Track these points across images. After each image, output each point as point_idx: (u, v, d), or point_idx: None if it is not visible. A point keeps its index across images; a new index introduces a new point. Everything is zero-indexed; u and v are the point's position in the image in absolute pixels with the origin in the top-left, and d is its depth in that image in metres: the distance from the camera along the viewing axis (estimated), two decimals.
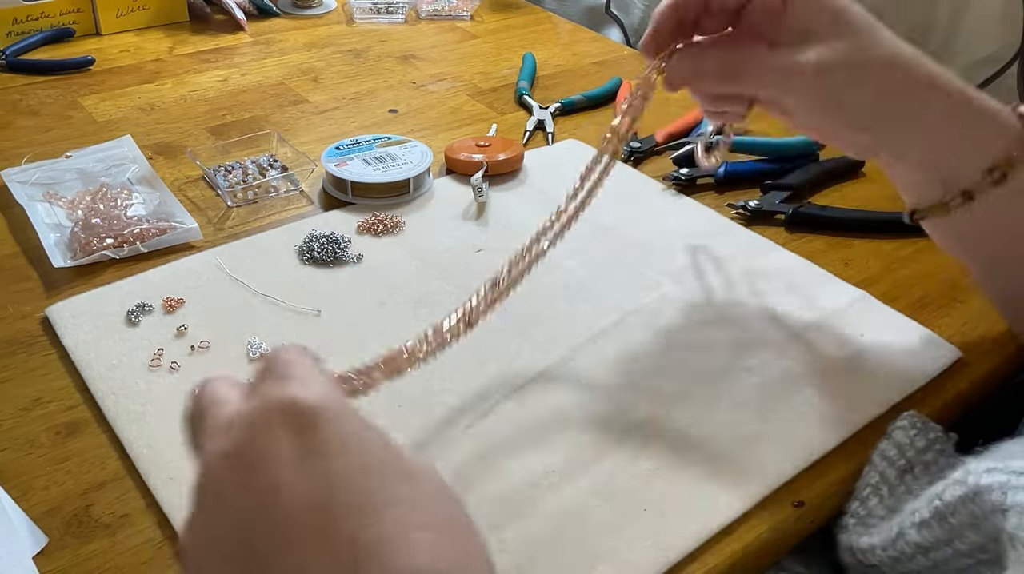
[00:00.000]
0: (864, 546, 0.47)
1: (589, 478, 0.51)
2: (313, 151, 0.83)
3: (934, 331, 0.63)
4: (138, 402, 0.54)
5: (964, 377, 0.60)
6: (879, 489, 0.49)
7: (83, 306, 0.62)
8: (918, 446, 0.50)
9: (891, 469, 0.50)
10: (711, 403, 0.56)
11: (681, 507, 0.49)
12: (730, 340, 0.62)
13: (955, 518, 0.41)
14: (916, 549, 0.43)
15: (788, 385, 0.58)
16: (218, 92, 0.96)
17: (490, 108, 0.95)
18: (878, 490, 0.49)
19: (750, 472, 0.51)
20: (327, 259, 0.68)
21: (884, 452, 0.51)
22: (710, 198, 0.79)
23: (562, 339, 0.61)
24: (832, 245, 0.74)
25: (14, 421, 0.53)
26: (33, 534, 0.46)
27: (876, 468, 0.50)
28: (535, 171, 0.82)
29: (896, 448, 0.51)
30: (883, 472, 0.50)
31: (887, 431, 0.52)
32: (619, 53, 1.12)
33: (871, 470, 0.51)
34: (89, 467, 0.51)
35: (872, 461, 0.51)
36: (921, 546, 0.43)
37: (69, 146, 0.81)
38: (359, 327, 0.61)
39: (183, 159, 0.82)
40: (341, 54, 1.07)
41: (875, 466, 0.51)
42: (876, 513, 0.49)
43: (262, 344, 0.59)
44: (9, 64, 0.99)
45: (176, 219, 0.70)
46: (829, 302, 0.66)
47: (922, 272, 0.70)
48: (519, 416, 0.55)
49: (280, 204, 0.76)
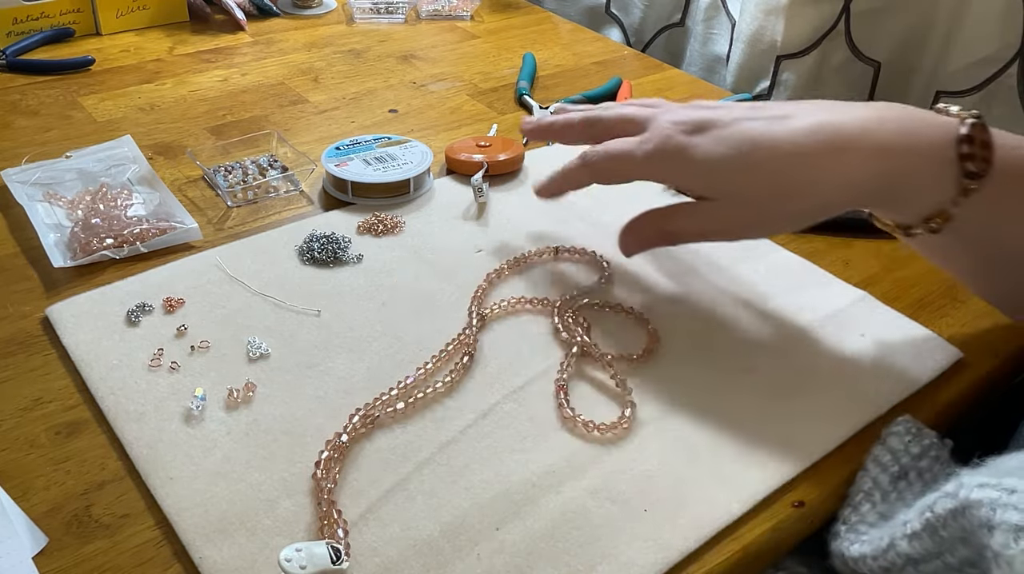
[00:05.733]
0: (855, 555, 0.46)
1: (589, 478, 0.51)
2: (313, 151, 0.83)
3: (934, 331, 0.63)
4: (138, 402, 0.54)
5: (964, 377, 0.60)
6: (871, 495, 0.49)
7: (83, 306, 0.62)
8: (912, 452, 0.50)
9: (884, 474, 0.50)
10: (711, 403, 0.56)
11: (681, 507, 0.49)
12: (730, 340, 0.62)
13: (946, 531, 0.41)
14: (907, 561, 0.43)
15: (788, 385, 0.58)
16: (218, 92, 0.96)
17: (490, 108, 0.95)
18: (870, 496, 0.49)
19: (750, 472, 0.51)
20: (327, 259, 0.68)
21: (878, 457, 0.51)
22: None
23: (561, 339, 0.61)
24: (832, 245, 0.74)
25: (14, 421, 0.53)
26: (33, 534, 0.46)
27: (869, 474, 0.50)
28: (535, 171, 0.82)
29: (890, 453, 0.51)
30: (876, 478, 0.50)
31: (881, 436, 0.52)
32: (619, 53, 1.12)
33: (864, 475, 0.50)
34: (89, 467, 0.51)
35: (866, 466, 0.51)
36: (912, 558, 0.43)
37: (69, 146, 0.81)
38: (359, 327, 0.61)
39: (183, 159, 0.82)
40: (341, 54, 1.07)
41: (868, 472, 0.50)
42: (868, 519, 0.48)
43: (262, 344, 0.59)
44: (9, 64, 0.99)
45: (176, 219, 0.70)
46: (829, 302, 0.66)
47: (922, 272, 0.70)
48: (519, 416, 0.55)
49: (280, 204, 0.76)
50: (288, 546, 0.44)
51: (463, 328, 0.61)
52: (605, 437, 0.53)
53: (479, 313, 0.62)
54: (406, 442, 0.53)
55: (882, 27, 0.95)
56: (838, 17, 0.96)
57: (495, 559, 0.46)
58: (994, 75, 0.87)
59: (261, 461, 0.51)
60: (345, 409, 0.54)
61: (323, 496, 0.48)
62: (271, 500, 0.49)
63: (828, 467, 0.53)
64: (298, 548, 0.43)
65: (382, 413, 0.54)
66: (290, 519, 0.48)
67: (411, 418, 0.54)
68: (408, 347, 0.60)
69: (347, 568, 0.45)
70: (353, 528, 0.47)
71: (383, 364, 0.58)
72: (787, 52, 1.00)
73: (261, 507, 0.48)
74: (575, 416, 0.54)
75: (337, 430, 0.52)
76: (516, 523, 0.48)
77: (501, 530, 0.47)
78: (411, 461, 0.51)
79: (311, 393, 0.56)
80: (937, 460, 0.50)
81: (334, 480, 0.49)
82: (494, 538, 0.47)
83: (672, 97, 0.99)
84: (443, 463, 0.51)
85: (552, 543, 0.47)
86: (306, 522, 0.47)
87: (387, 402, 0.55)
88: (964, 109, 0.52)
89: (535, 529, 0.48)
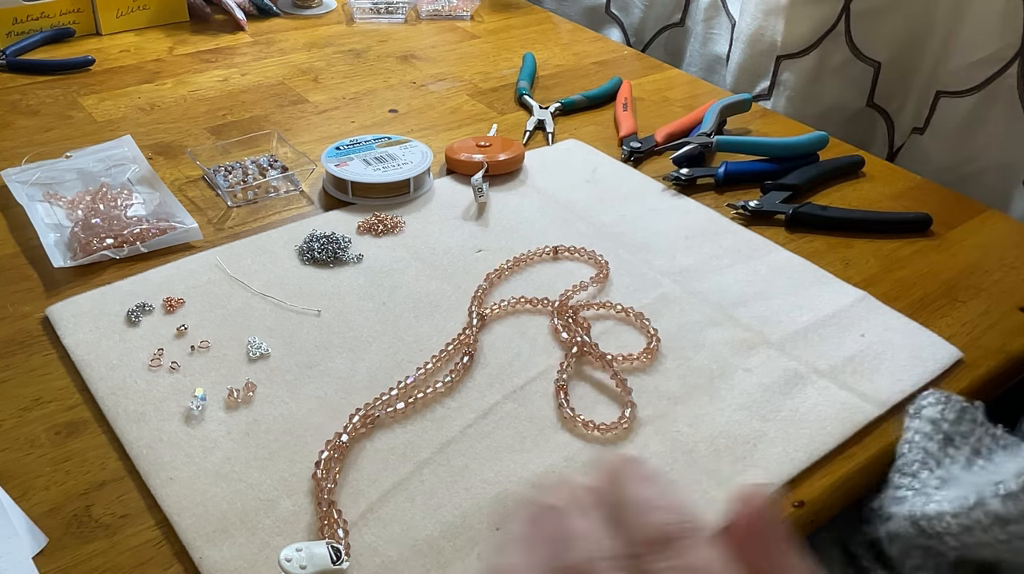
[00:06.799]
0: (931, 513, 0.47)
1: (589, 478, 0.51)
2: (313, 151, 0.83)
3: (934, 331, 0.63)
4: (138, 402, 0.54)
5: (964, 377, 0.60)
6: (927, 463, 0.50)
7: (83, 306, 0.62)
8: (949, 418, 0.51)
9: (932, 443, 0.51)
10: (711, 403, 0.56)
11: None
12: (730, 340, 0.62)
13: None
14: (995, 519, 0.44)
15: (788, 385, 0.58)
16: (218, 92, 0.96)
17: (490, 108, 0.95)
18: (926, 464, 0.50)
19: (750, 472, 0.51)
20: (327, 259, 0.68)
21: (920, 430, 0.52)
22: (710, 198, 0.79)
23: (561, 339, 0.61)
24: (832, 245, 0.74)
25: (14, 421, 0.53)
26: (33, 534, 0.46)
27: (917, 445, 0.51)
28: (535, 171, 0.82)
29: (931, 423, 0.51)
30: (926, 447, 0.51)
31: (911, 411, 0.53)
32: (619, 53, 1.12)
33: (912, 447, 0.51)
34: (89, 467, 0.51)
35: (911, 440, 0.52)
36: (1001, 517, 0.43)
37: (69, 146, 0.81)
38: (359, 327, 0.61)
39: (183, 159, 0.82)
40: (341, 54, 1.07)
41: (916, 443, 0.51)
42: (930, 484, 0.49)
43: (262, 344, 0.59)
44: (9, 64, 0.98)
45: (176, 219, 0.70)
46: (829, 302, 0.66)
47: (922, 272, 0.70)
48: (519, 416, 0.55)
49: (280, 204, 0.76)
50: (288, 546, 0.44)
51: (463, 328, 0.61)
52: (605, 437, 0.53)
53: (479, 313, 0.62)
54: (406, 442, 0.53)
55: (882, 27, 0.95)
56: (838, 17, 0.96)
57: (495, 559, 0.46)
58: (994, 75, 0.87)
59: (261, 461, 0.51)
60: (345, 409, 0.54)
61: (323, 496, 0.48)
62: (271, 500, 0.49)
63: (828, 467, 0.53)
64: (298, 548, 0.43)
65: (382, 413, 0.54)
66: (290, 519, 0.48)
67: (411, 418, 0.54)
68: (408, 347, 0.60)
69: (347, 568, 0.45)
70: (353, 528, 0.47)
71: (383, 364, 0.58)
72: (787, 52, 1.00)
73: (261, 507, 0.48)
74: (575, 416, 0.54)
75: (337, 430, 0.52)
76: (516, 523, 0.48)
77: (501, 530, 0.47)
78: (411, 461, 0.51)
79: (311, 393, 0.56)
80: (976, 422, 0.51)
81: (334, 480, 0.49)
82: (494, 538, 0.47)
83: (672, 97, 0.99)
84: (443, 463, 0.51)
85: None
86: (306, 522, 0.47)
87: (387, 402, 0.55)
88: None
89: None
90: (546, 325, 0.62)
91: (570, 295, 0.65)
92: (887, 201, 0.80)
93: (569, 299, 0.64)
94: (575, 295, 0.65)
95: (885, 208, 0.78)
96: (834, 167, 0.83)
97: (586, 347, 0.59)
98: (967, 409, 0.52)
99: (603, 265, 0.68)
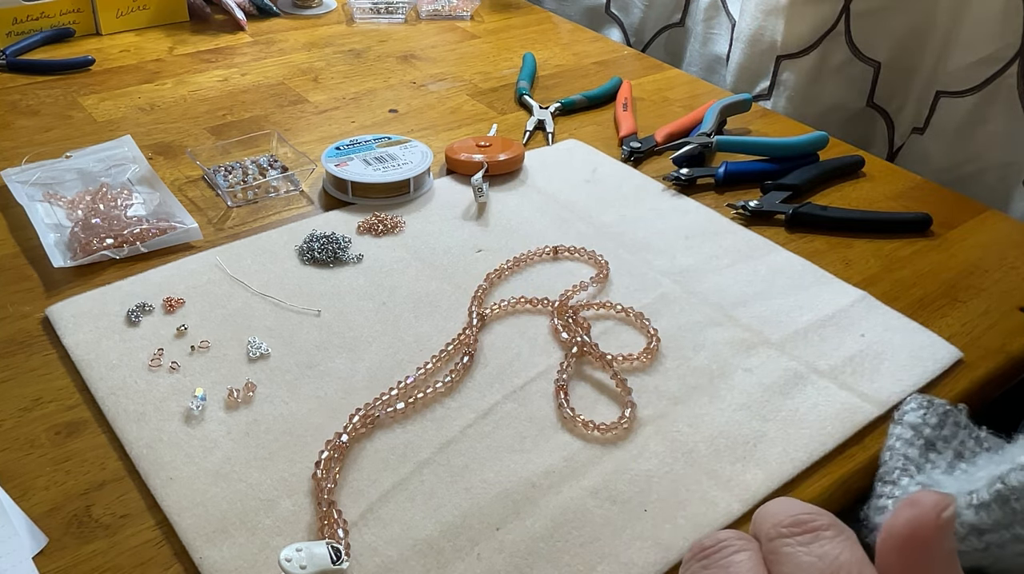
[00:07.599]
0: None
1: (589, 478, 0.51)
2: (313, 151, 0.83)
3: (934, 331, 0.63)
4: (138, 402, 0.54)
5: (964, 377, 0.60)
6: (907, 469, 0.50)
7: (83, 306, 0.62)
8: (931, 423, 0.51)
9: (913, 449, 0.50)
10: (711, 403, 0.56)
11: (681, 507, 0.49)
12: (730, 340, 0.62)
13: (1019, 503, 0.41)
14: (970, 530, 0.43)
15: (788, 385, 0.58)
16: (218, 92, 0.96)
17: (490, 108, 0.95)
18: (907, 470, 0.50)
19: (750, 472, 0.51)
20: (327, 259, 0.68)
21: (901, 435, 0.51)
22: (710, 198, 0.79)
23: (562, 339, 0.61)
24: (832, 245, 0.74)
25: (14, 421, 0.53)
26: (33, 534, 0.46)
27: (898, 451, 0.51)
28: (535, 171, 0.82)
29: (912, 429, 0.51)
30: (906, 454, 0.50)
31: (895, 418, 0.52)
32: (619, 53, 1.12)
33: (893, 454, 0.51)
34: (89, 467, 0.51)
35: (891, 446, 0.51)
36: (976, 527, 0.43)
37: (69, 146, 0.81)
38: (359, 327, 0.61)
39: (183, 159, 0.82)
40: (341, 54, 1.07)
41: (896, 450, 0.51)
42: (910, 491, 0.49)
43: (262, 344, 0.59)
44: (9, 64, 0.98)
45: (176, 219, 0.70)
46: (829, 302, 0.66)
47: (922, 272, 0.70)
48: (519, 416, 0.55)
49: (280, 204, 0.76)
50: (288, 546, 0.43)
51: (463, 328, 0.61)
52: (605, 437, 0.53)
53: (479, 313, 0.62)
54: (406, 442, 0.53)
55: (882, 27, 0.95)
56: (838, 17, 0.96)
57: (495, 559, 0.46)
58: (994, 75, 0.87)
59: (261, 461, 0.51)
60: (345, 409, 0.54)
61: (323, 496, 0.48)
62: (271, 500, 0.49)
63: (828, 467, 0.53)
64: (298, 548, 0.43)
65: (382, 413, 0.54)
66: (290, 519, 0.48)
67: (411, 418, 0.54)
68: (408, 347, 0.60)
69: (347, 568, 0.45)
70: (353, 528, 0.47)
71: (383, 364, 0.58)
72: (787, 52, 1.00)
73: (261, 507, 0.48)
74: (575, 416, 0.54)
75: (337, 430, 0.52)
76: (516, 523, 0.48)
77: (501, 530, 0.47)
78: (411, 461, 0.51)
79: (311, 393, 0.56)
80: (959, 425, 0.51)
81: (334, 480, 0.49)
82: (494, 538, 0.47)
83: (672, 97, 0.99)
84: (443, 463, 0.51)
85: (552, 543, 0.47)
86: (306, 522, 0.47)
87: (387, 402, 0.55)
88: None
89: (535, 529, 0.48)
90: (546, 325, 0.62)
91: (570, 295, 0.65)
92: (887, 201, 0.80)
93: (569, 299, 0.64)
94: (575, 295, 0.65)
95: (885, 208, 0.78)
96: (834, 167, 0.83)
97: (586, 347, 0.59)
98: (950, 412, 0.51)
99: (603, 265, 0.68)
